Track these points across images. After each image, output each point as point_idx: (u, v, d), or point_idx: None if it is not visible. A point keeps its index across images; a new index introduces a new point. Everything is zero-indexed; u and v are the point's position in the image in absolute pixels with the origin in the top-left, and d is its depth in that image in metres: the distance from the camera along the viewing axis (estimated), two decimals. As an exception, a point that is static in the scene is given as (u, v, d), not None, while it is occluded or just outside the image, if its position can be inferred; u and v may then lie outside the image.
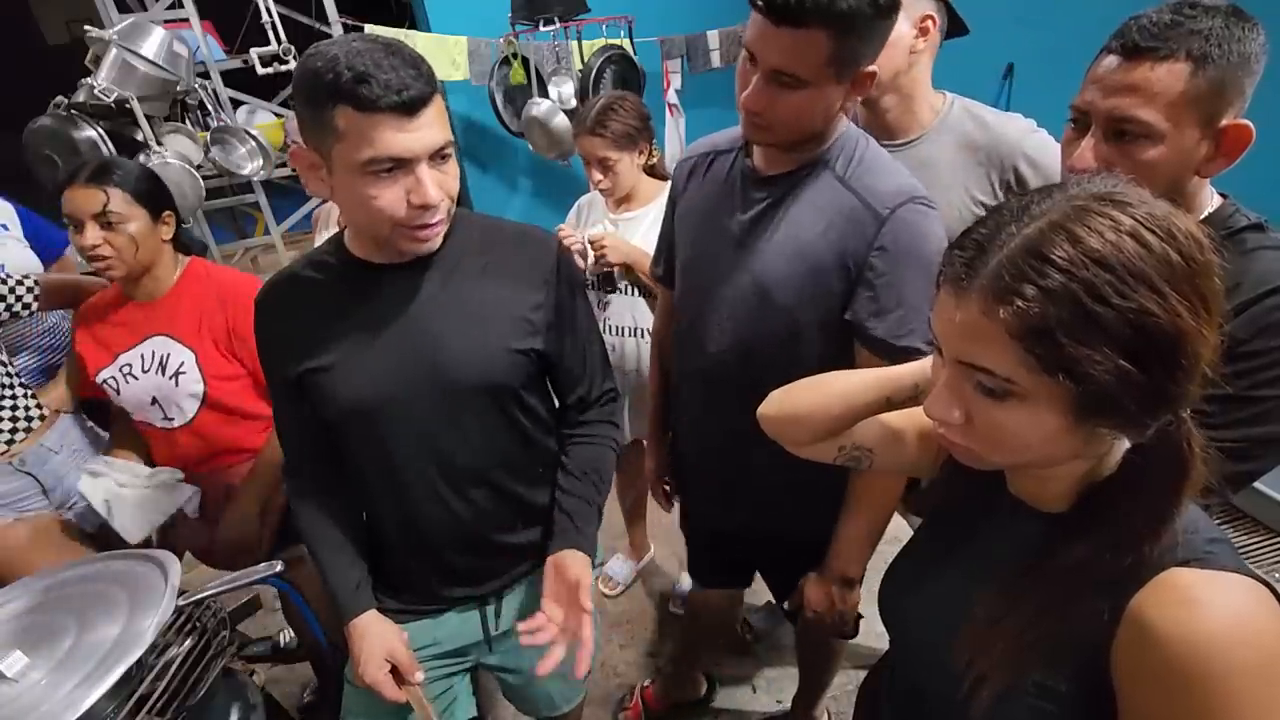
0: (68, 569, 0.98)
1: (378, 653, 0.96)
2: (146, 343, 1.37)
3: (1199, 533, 0.54)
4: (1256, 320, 0.76)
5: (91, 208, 1.26)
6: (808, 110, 0.89)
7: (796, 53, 0.83)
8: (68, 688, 0.77)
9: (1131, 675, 0.52)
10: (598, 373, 1.09)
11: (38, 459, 1.44)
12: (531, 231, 1.01)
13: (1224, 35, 0.73)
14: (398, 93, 0.73)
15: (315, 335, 0.91)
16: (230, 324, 1.37)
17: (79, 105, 2.67)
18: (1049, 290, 0.46)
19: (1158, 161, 0.77)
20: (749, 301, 1.02)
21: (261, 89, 3.52)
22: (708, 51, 3.81)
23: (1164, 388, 0.48)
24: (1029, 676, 0.56)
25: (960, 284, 0.51)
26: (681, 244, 1.16)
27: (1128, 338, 0.46)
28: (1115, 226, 0.46)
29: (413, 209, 0.80)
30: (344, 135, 0.75)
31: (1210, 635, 0.48)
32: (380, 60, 0.73)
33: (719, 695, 1.84)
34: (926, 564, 0.74)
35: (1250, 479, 0.82)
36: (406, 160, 0.77)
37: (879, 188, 0.94)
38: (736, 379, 1.06)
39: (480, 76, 3.44)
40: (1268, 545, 2.07)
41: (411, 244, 0.85)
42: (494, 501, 1.00)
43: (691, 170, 1.16)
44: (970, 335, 0.51)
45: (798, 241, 0.97)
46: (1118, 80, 0.77)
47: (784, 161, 1.00)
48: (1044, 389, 0.49)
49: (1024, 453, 0.54)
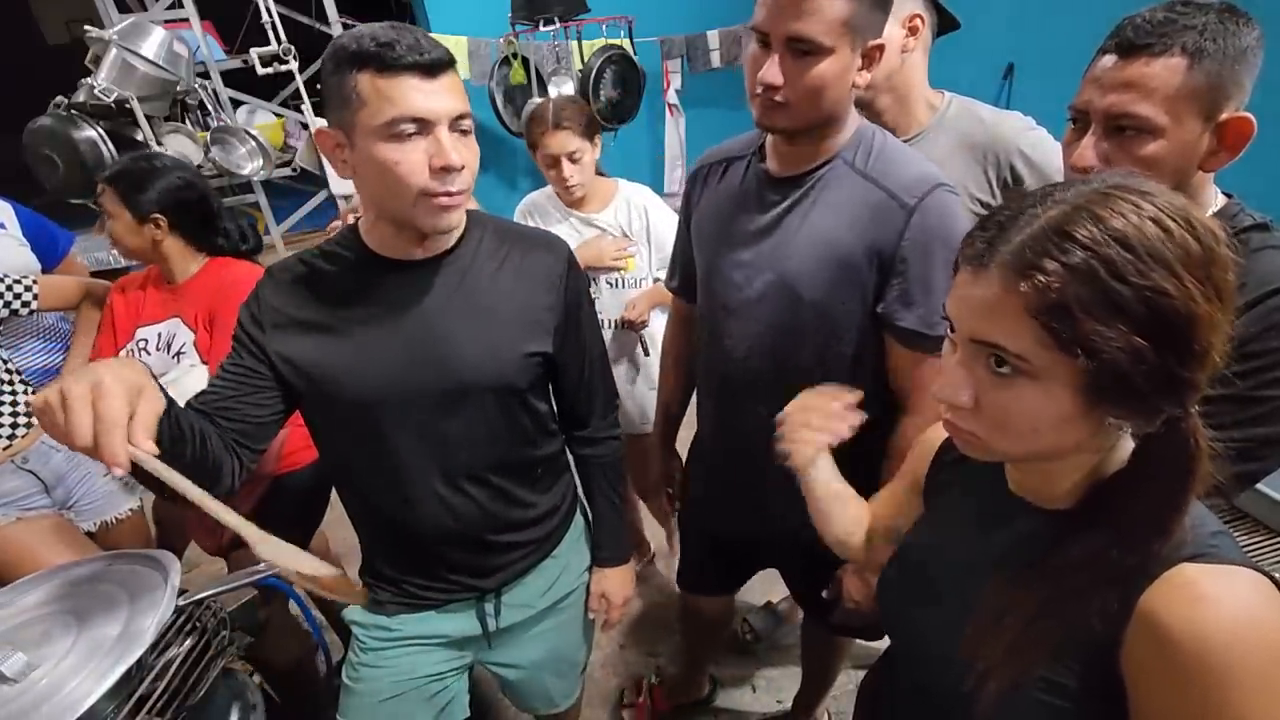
0: (68, 569, 0.98)
1: (130, 387, 0.65)
2: (165, 323, 1.43)
3: (1204, 526, 0.54)
4: (1261, 320, 0.76)
5: (97, 198, 1.41)
6: (827, 80, 0.88)
7: (814, 11, 0.84)
8: (68, 688, 0.77)
9: (1142, 671, 0.52)
10: (600, 380, 1.09)
11: (40, 457, 1.45)
12: (543, 236, 1.02)
13: (1218, 30, 0.74)
14: (420, 54, 0.76)
15: (324, 325, 0.90)
16: (215, 307, 1.41)
17: (79, 105, 2.67)
18: (1071, 266, 0.47)
19: (1158, 156, 0.77)
20: (778, 303, 1.01)
21: (261, 89, 3.52)
22: (708, 51, 3.82)
23: (1175, 372, 0.48)
24: (1036, 672, 0.56)
25: (980, 261, 0.52)
26: (700, 253, 1.15)
27: (1143, 316, 0.46)
28: (1138, 210, 0.48)
29: (435, 172, 0.80)
30: (366, 100, 0.77)
31: (1220, 630, 0.48)
32: (403, 32, 0.77)
33: (719, 695, 1.84)
34: (925, 558, 0.74)
35: (1254, 480, 0.82)
36: (428, 122, 0.78)
37: (903, 178, 0.94)
38: (768, 382, 1.06)
39: (480, 76, 3.45)
40: (1268, 545, 2.07)
41: (433, 216, 0.83)
42: (494, 500, 1.01)
43: (705, 178, 1.15)
44: (986, 312, 0.52)
45: (824, 238, 0.96)
46: (1115, 78, 0.78)
47: (800, 161, 0.99)
48: (1057, 367, 0.49)
49: (1031, 439, 0.54)
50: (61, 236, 1.71)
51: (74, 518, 1.52)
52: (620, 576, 1.18)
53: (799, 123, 0.93)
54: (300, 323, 0.91)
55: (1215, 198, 0.84)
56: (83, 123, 2.63)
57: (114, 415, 0.62)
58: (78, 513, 1.53)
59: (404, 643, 1.06)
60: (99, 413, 0.62)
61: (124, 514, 1.60)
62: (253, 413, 0.90)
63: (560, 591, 1.14)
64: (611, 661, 1.97)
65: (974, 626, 0.60)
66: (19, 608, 0.93)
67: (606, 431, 1.13)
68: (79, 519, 1.53)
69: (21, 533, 1.40)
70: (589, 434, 1.12)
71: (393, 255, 0.91)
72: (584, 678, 1.28)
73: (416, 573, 1.05)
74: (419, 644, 1.07)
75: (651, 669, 1.93)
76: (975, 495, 0.70)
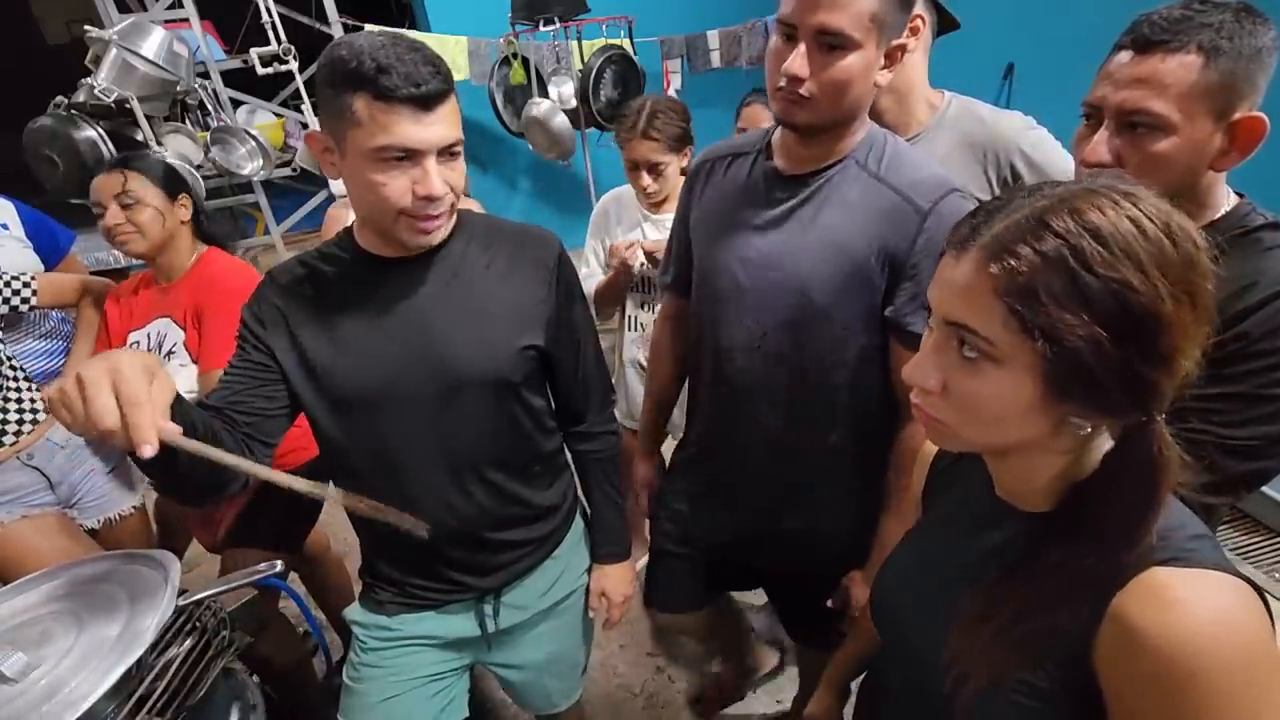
0: (68, 569, 0.98)
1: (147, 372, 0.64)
2: (154, 323, 1.44)
3: (1183, 529, 0.54)
4: (1272, 318, 0.76)
5: (112, 189, 1.40)
6: (853, 75, 0.87)
7: (845, 4, 0.83)
8: (68, 688, 0.77)
9: (1116, 675, 0.52)
10: (595, 375, 1.09)
11: (44, 453, 1.45)
12: (533, 230, 1.03)
13: (1234, 29, 0.74)
14: (416, 85, 0.77)
15: (320, 324, 0.92)
16: (201, 305, 1.42)
17: (79, 105, 2.67)
18: (1041, 252, 0.48)
19: (1170, 153, 0.77)
20: (785, 304, 1.00)
21: (261, 89, 3.52)
22: (708, 51, 3.82)
23: (1136, 370, 0.48)
24: (1013, 675, 0.56)
25: (963, 245, 0.54)
26: (700, 249, 1.13)
27: (1107, 309, 0.47)
28: (1117, 208, 0.49)
29: (417, 199, 0.82)
30: (360, 122, 0.78)
31: (1191, 634, 0.48)
32: (403, 55, 0.77)
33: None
34: (917, 563, 0.75)
35: (1263, 479, 0.82)
36: (417, 152, 0.80)
37: (917, 181, 0.93)
38: (770, 384, 1.05)
39: (480, 76, 3.45)
40: (1268, 545, 2.07)
41: (413, 235, 0.86)
42: (493, 498, 1.01)
43: (709, 173, 1.13)
44: (961, 292, 0.53)
45: (835, 240, 0.96)
46: (1129, 73, 0.78)
47: (809, 160, 0.98)
48: (1021, 352, 0.50)
49: (995, 428, 0.55)
50: (62, 235, 1.72)
51: (77, 515, 1.53)
52: (620, 574, 1.18)
53: (822, 118, 0.92)
54: (300, 322, 0.92)
55: (1227, 197, 0.84)
56: (83, 123, 2.63)
57: (137, 394, 0.61)
58: (81, 510, 1.54)
59: (404, 642, 1.06)
60: (121, 394, 0.61)
61: (127, 511, 1.61)
62: (263, 406, 0.91)
63: (560, 592, 1.14)
64: (611, 661, 1.97)
65: (953, 630, 0.60)
66: (19, 607, 0.93)
67: (603, 426, 1.13)
68: (82, 516, 1.54)
69: (24, 531, 1.41)
70: (586, 429, 1.12)
71: (385, 253, 0.92)
72: (585, 678, 1.28)
73: (416, 572, 1.05)
74: (419, 644, 1.07)
75: (651, 669, 1.93)
76: (966, 499, 0.70)
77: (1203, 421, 0.76)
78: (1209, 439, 0.76)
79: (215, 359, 1.33)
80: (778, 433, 1.07)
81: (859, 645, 0.95)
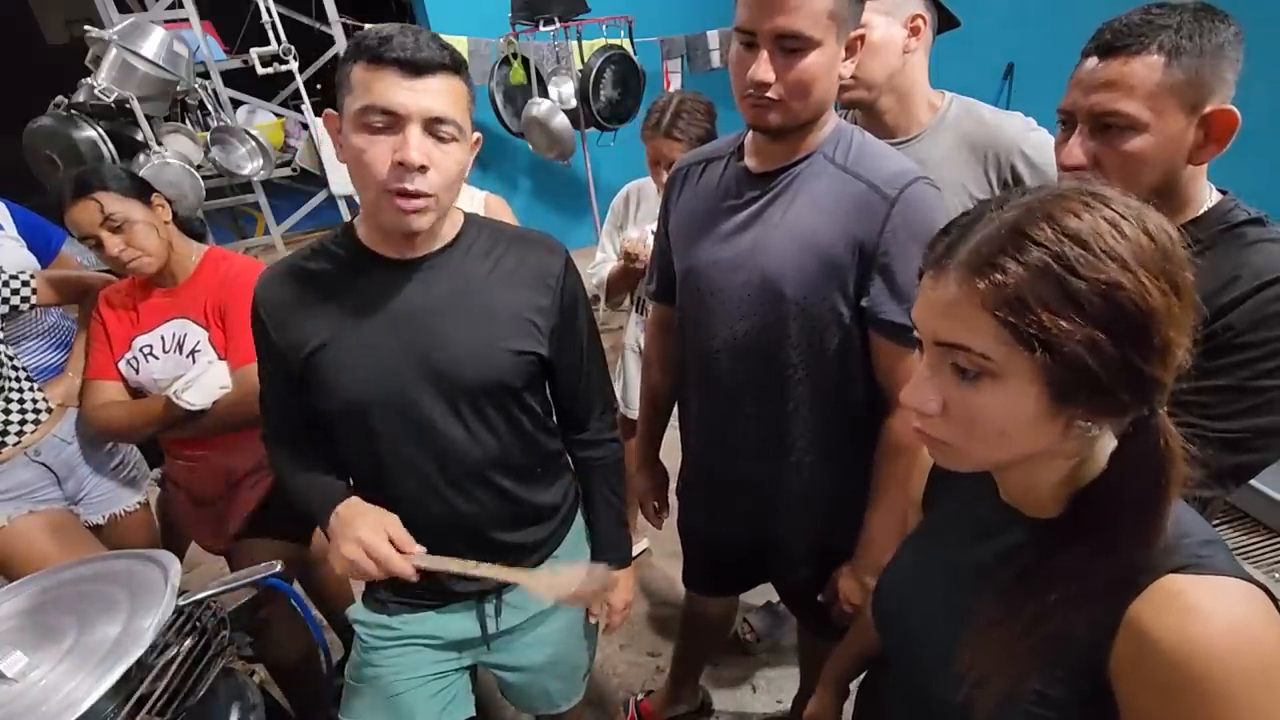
0: (68, 569, 0.99)
1: (377, 525, 0.90)
2: (166, 325, 1.42)
3: (1192, 536, 0.54)
4: (1257, 310, 0.77)
5: (92, 219, 1.30)
6: (817, 74, 0.89)
7: (800, 6, 0.84)
8: (68, 688, 0.77)
9: (1131, 683, 0.51)
10: (597, 383, 1.09)
11: (51, 449, 1.46)
12: (539, 237, 1.02)
13: (1194, 28, 0.77)
14: (406, 50, 0.78)
15: (317, 322, 0.91)
16: (223, 302, 1.41)
17: (79, 105, 2.67)
18: (1025, 263, 0.48)
19: (1145, 150, 0.79)
20: (759, 299, 1.01)
21: (261, 89, 3.53)
22: (708, 51, 3.82)
23: (1136, 366, 0.48)
24: (1028, 684, 0.56)
25: (941, 264, 0.53)
26: (679, 253, 1.14)
27: (1100, 310, 0.47)
28: (1090, 210, 0.49)
29: (394, 167, 0.80)
30: (353, 87, 0.80)
31: (1208, 642, 0.48)
32: (409, 31, 0.79)
33: (719, 696, 1.84)
34: (921, 569, 0.74)
35: (1251, 472, 0.82)
36: (399, 116, 0.79)
37: (884, 171, 0.94)
38: (757, 383, 1.05)
39: (480, 76, 3.45)
40: (1268, 545, 2.07)
41: (394, 217, 0.84)
42: (492, 499, 1.01)
43: (684, 180, 1.15)
44: (948, 312, 0.53)
45: (805, 232, 0.97)
46: (1097, 78, 0.80)
47: (778, 157, 1.00)
48: (1018, 364, 0.50)
49: (1001, 443, 0.54)
50: (54, 234, 1.71)
51: (82, 511, 1.53)
52: (621, 580, 1.18)
53: (793, 118, 0.93)
54: (296, 321, 0.92)
55: (1210, 193, 0.85)
56: (83, 123, 2.63)
57: (384, 552, 0.87)
58: (86, 506, 1.54)
59: (406, 642, 1.06)
60: (374, 556, 0.87)
61: (131, 508, 1.62)
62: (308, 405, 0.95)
63: (561, 593, 1.14)
64: (611, 662, 1.97)
65: (966, 638, 0.59)
66: (19, 608, 0.93)
67: (606, 434, 1.13)
68: (88, 512, 1.54)
69: (34, 526, 1.41)
70: (588, 436, 1.12)
71: (385, 252, 0.91)
72: (587, 680, 1.28)
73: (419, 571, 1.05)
74: (420, 643, 1.07)
75: (651, 669, 1.93)
76: (969, 504, 0.70)
77: (1191, 415, 0.77)
78: (1197, 432, 0.77)
79: (248, 353, 1.31)
80: (769, 430, 1.07)
81: (858, 644, 0.95)
